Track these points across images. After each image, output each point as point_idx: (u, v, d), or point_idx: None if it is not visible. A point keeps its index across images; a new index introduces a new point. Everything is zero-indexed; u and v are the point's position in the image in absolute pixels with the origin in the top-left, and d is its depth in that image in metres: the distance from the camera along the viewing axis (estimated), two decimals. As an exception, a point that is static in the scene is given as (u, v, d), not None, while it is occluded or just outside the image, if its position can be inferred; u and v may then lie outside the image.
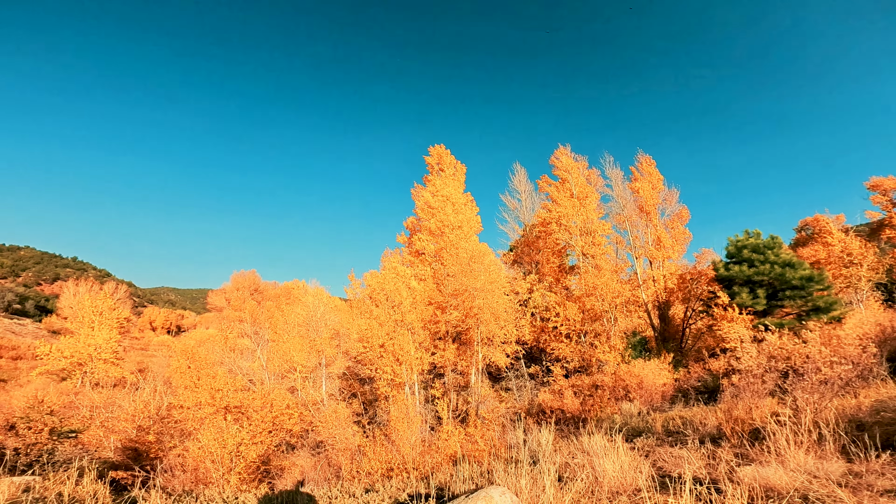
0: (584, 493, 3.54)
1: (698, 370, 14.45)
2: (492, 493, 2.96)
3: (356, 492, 5.22)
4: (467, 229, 19.59)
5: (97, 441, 12.06)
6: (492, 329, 14.94)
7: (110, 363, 27.88)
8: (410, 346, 13.90)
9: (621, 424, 7.15)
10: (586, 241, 19.46)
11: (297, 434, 13.69)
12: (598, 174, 21.75)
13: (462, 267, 15.40)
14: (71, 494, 4.28)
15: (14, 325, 56.11)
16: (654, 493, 3.22)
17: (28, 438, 9.24)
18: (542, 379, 17.02)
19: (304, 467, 11.56)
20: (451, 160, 21.96)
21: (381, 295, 14.71)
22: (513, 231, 27.25)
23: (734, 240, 15.90)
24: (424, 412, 13.74)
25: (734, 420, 6.65)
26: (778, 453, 4.49)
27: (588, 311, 17.08)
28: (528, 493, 3.28)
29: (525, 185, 27.77)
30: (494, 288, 14.80)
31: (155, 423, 12.37)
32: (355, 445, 12.36)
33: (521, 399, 16.21)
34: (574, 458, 4.81)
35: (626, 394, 12.51)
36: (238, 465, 9.86)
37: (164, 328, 72.96)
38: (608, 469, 3.91)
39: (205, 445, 9.64)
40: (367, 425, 14.78)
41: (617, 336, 16.74)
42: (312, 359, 16.99)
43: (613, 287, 17.08)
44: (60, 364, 26.91)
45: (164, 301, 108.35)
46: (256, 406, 12.47)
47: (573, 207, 19.54)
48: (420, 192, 20.99)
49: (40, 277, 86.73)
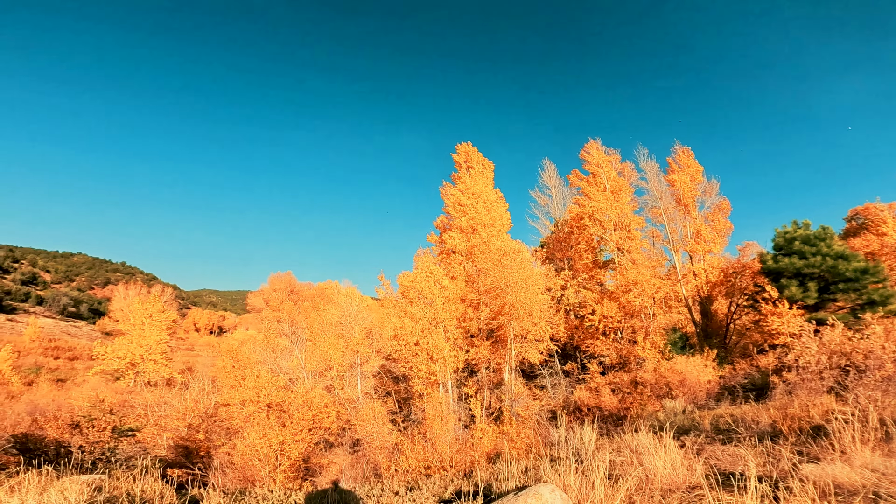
0: (634, 491, 3.43)
1: (745, 367, 13.81)
2: (541, 491, 2.90)
3: (399, 490, 5.25)
4: (499, 226, 19.47)
5: (152, 439, 12.64)
6: (525, 326, 14.78)
7: (160, 363, 29.28)
8: (444, 344, 13.94)
9: (665, 422, 6.90)
10: (621, 235, 18.96)
11: (334, 432, 13.95)
12: (631, 167, 21.17)
13: (494, 264, 15.31)
14: (140, 495, 4.41)
15: (70, 327, 60.00)
16: (716, 490, 3.08)
17: (91, 436, 9.64)
18: (578, 376, 16.70)
19: (342, 465, 11.76)
20: (478, 157, 21.86)
21: (413, 293, 14.82)
22: (543, 227, 26.88)
23: (782, 231, 15.11)
24: (458, 410, 13.75)
25: (790, 418, 6.32)
26: (843, 451, 4.25)
27: (625, 307, 16.63)
28: (576, 491, 3.21)
29: (555, 180, 27.35)
30: (527, 285, 14.63)
31: (204, 420, 12.86)
32: (392, 443, 12.50)
33: (555, 396, 15.97)
34: (619, 456, 4.68)
35: (668, 391, 12.09)
36: (283, 463, 10.14)
37: (207, 329, 76.26)
38: (658, 466, 3.78)
39: (251, 443, 9.96)
40: (401, 423, 14.93)
41: (656, 332, 16.21)
42: (348, 357, 17.32)
43: (652, 282, 16.55)
44: (115, 364, 28.49)
45: (206, 303, 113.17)
46: (297, 404, 12.79)
47: (606, 201, 19.05)
48: (449, 191, 20.99)
49: (92, 282, 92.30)
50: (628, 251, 18.88)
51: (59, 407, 17.90)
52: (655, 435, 4.35)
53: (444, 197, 21.12)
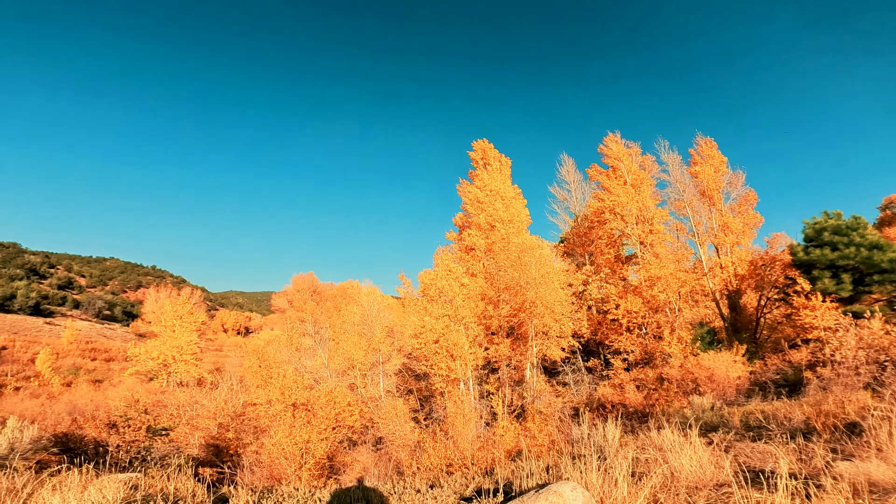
0: (659, 488, 3.37)
1: (776, 362, 13.36)
2: (562, 489, 2.87)
3: (421, 487, 5.30)
4: (517, 223, 19.34)
5: (185, 438, 12.99)
6: (546, 322, 14.65)
7: (191, 363, 30.14)
8: (464, 342, 13.95)
9: (692, 419, 6.75)
10: (643, 229, 18.57)
11: (357, 430, 14.11)
12: (652, 160, 20.72)
13: (513, 261, 15.23)
14: (174, 493, 4.54)
15: (105, 329, 62.47)
16: (745, 488, 3.00)
17: (128, 436, 9.85)
18: (601, 373, 16.47)
19: (366, 463, 11.88)
20: (495, 154, 21.74)
21: (433, 291, 14.88)
22: (563, 222, 26.53)
23: (812, 222, 14.55)
24: (479, 407, 13.74)
25: (824, 414, 6.10)
26: (878, 448, 4.08)
27: (649, 302, 16.29)
28: (599, 488, 3.17)
29: (574, 174, 26.93)
30: (547, 281, 14.50)
31: (233, 420, 13.19)
32: (414, 441, 12.59)
33: (578, 393, 15.79)
34: (644, 453, 4.61)
35: (695, 387, 11.80)
36: (308, 461, 10.32)
37: (234, 330, 78.36)
38: (685, 464, 3.70)
39: (278, 441, 10.17)
40: (423, 421, 15.01)
41: (683, 327, 15.83)
42: (370, 356, 17.52)
43: (676, 276, 16.16)
44: (148, 365, 29.48)
45: (232, 304, 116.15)
46: (322, 403, 13.00)
47: (627, 195, 18.69)
48: (466, 188, 20.96)
49: (125, 285, 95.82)
50: (651, 245, 18.48)
51: (96, 407, 18.64)
52: (682, 432, 4.26)
53: (462, 195, 21.09)
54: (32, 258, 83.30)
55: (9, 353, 38.15)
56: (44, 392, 27.16)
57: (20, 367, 34.65)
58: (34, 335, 48.23)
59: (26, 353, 38.25)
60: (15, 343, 41.25)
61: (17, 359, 37.00)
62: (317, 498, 5.13)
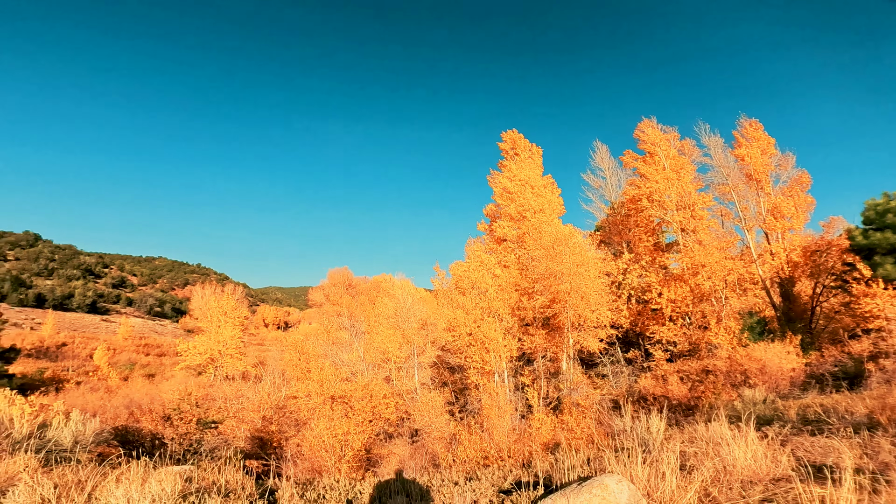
0: (710, 482, 3.18)
1: (834, 353, 12.50)
2: (606, 481, 2.74)
3: (459, 480, 5.26)
4: (549, 212, 18.96)
5: (232, 431, 13.45)
6: (582, 313, 14.31)
7: (235, 358, 31.32)
8: (498, 334, 13.83)
9: (743, 412, 6.40)
10: (684, 215, 17.78)
11: (393, 423, 14.27)
12: (692, 144, 19.86)
13: (546, 251, 14.93)
14: (224, 485, 4.67)
15: (156, 325, 66.22)
16: (806, 482, 2.78)
17: (181, 428, 10.11)
18: (641, 364, 15.93)
19: (402, 455, 12.00)
20: (525, 144, 21.38)
21: (466, 283, 14.81)
22: (598, 210, 25.84)
23: (872, 203, 13.46)
24: (515, 399, 13.61)
25: (890, 408, 5.64)
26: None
27: (694, 290, 15.59)
28: (645, 482, 3.02)
29: (608, 161, 26.14)
30: (582, 271, 14.13)
31: (276, 412, 13.58)
32: (449, 434, 12.63)
33: (617, 385, 15.36)
34: (691, 446, 4.38)
35: (744, 379, 11.21)
36: (347, 453, 10.51)
37: (274, 324, 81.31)
38: (738, 457, 3.48)
39: (318, 433, 10.40)
40: (458, 413, 15.03)
41: (730, 317, 15.07)
42: (404, 349, 17.70)
43: (722, 264, 15.38)
44: (197, 360, 30.82)
45: (272, 299, 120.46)
46: (358, 396, 13.21)
47: (665, 181, 17.93)
48: (497, 179, 20.72)
49: (173, 283, 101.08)
50: (694, 232, 17.68)
51: (151, 400, 19.55)
52: (736, 425, 4.02)
53: (492, 185, 20.88)
54: (87, 259, 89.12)
55: (69, 349, 41.05)
56: (102, 386, 28.88)
57: (80, 363, 37.24)
58: (92, 332, 51.70)
59: (85, 349, 41.05)
60: (74, 339, 44.31)
61: (77, 354, 39.77)
62: (357, 490, 5.16)
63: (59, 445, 5.74)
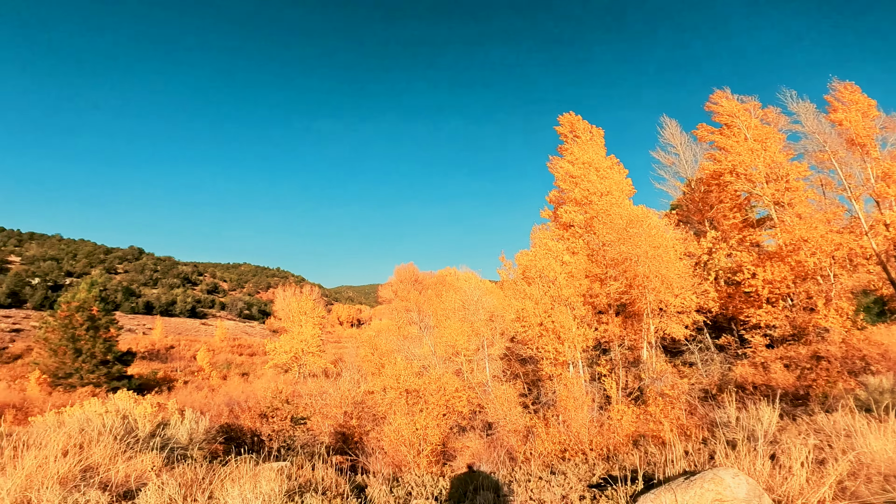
0: (846, 476, 2.71)
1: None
2: (721, 474, 2.39)
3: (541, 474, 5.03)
4: (618, 194, 17.90)
5: (318, 427, 14.06)
6: (663, 298, 13.31)
7: (316, 355, 33.10)
8: (571, 323, 13.28)
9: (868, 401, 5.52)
10: (777, 187, 15.96)
11: (465, 416, 14.21)
12: (777, 112, 18.01)
13: (618, 234, 14.07)
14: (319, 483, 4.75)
15: (246, 327, 72.18)
16: None
17: (276, 425, 10.54)
18: (735, 351, 14.49)
19: (476, 449, 11.89)
20: (584, 126, 20.37)
21: (533, 272, 14.40)
22: (674, 189, 23.98)
23: None
24: (591, 390, 13.01)
25: None
26: None
27: (794, 269, 13.90)
28: (765, 476, 2.63)
29: (679, 136, 24.12)
30: (661, 253, 13.13)
31: (355, 408, 14.04)
32: (524, 426, 12.34)
33: (707, 374, 14.13)
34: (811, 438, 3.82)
35: (864, 366, 9.77)
36: (425, 448, 10.57)
37: (348, 322, 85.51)
38: (876, 449, 2.94)
39: (398, 428, 10.55)
40: (531, 406, 14.68)
41: (841, 297, 13.23)
42: (473, 342, 17.64)
43: (828, 237, 13.56)
44: (283, 358, 32.92)
45: (345, 298, 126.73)
46: (432, 390, 13.30)
47: (750, 153, 16.24)
48: (558, 164, 19.94)
49: (258, 287, 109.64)
50: (790, 204, 15.80)
51: (247, 398, 21.12)
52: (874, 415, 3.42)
53: (553, 171, 20.13)
54: (184, 268, 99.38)
55: (176, 352, 45.97)
56: (205, 385, 31.73)
57: (185, 363, 41.50)
58: (193, 335, 57.55)
59: (189, 351, 45.73)
60: (180, 342, 49.56)
61: (183, 356, 44.41)
62: (441, 487, 5.09)
63: (177, 443, 6.05)
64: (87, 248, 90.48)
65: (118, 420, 5.75)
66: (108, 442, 4.58)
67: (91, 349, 25.74)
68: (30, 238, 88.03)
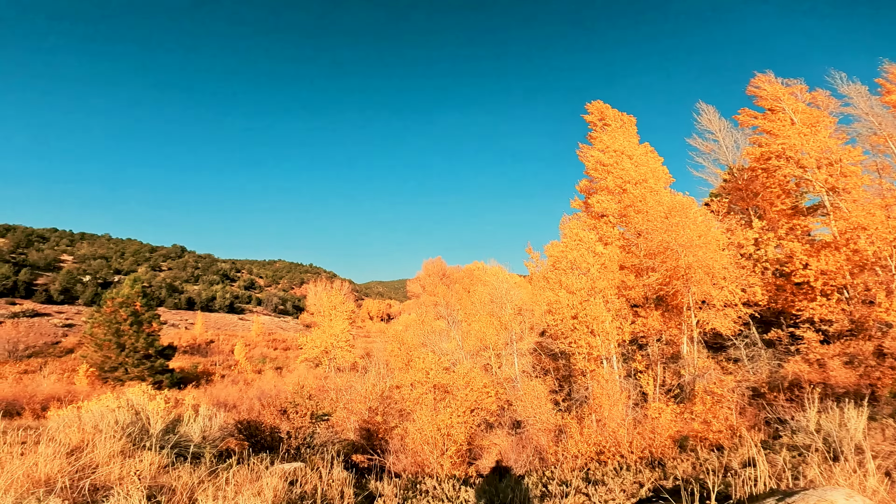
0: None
1: None
2: (831, 496, 1.91)
3: (577, 482, 4.58)
4: (653, 182, 17.01)
5: (342, 423, 13.85)
6: (707, 290, 12.47)
7: (346, 349, 33.43)
8: (605, 316, 12.64)
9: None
10: (830, 172, 14.75)
11: (493, 412, 13.79)
12: (826, 95, 16.90)
13: (657, 223, 13.29)
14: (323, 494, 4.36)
15: (281, 322, 74.15)
16: None
17: (296, 422, 10.16)
18: (787, 347, 13.46)
19: (503, 447, 11.47)
20: (614, 113, 19.47)
21: (564, 264, 13.81)
22: (714, 176, 22.72)
23: None
24: (626, 387, 12.37)
25: None
26: None
27: (851, 259, 12.76)
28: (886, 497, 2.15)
29: (717, 123, 22.79)
30: (704, 242, 12.30)
31: (380, 403, 13.81)
32: (555, 425, 11.85)
33: (756, 371, 13.20)
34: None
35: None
36: (449, 448, 10.17)
37: (377, 317, 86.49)
38: None
39: (420, 426, 10.22)
40: (562, 402, 14.14)
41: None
42: (502, 336, 17.22)
43: (889, 224, 12.40)
44: (314, 352, 33.43)
45: (375, 293, 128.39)
46: (459, 385, 12.96)
47: (800, 136, 15.09)
48: (587, 153, 19.15)
49: (292, 283, 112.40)
50: (844, 190, 14.58)
51: (277, 392, 21.42)
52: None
53: (584, 160, 19.34)
54: (223, 265, 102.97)
55: (216, 346, 47.66)
56: (241, 378, 32.76)
57: (224, 357, 42.98)
58: (231, 329, 59.57)
59: (227, 345, 47.32)
60: (219, 336, 51.35)
61: (221, 350, 46.00)
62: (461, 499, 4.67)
63: (189, 441, 5.82)
64: (133, 246, 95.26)
65: (130, 416, 5.64)
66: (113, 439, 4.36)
67: (134, 344, 26.86)
68: (81, 238, 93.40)
